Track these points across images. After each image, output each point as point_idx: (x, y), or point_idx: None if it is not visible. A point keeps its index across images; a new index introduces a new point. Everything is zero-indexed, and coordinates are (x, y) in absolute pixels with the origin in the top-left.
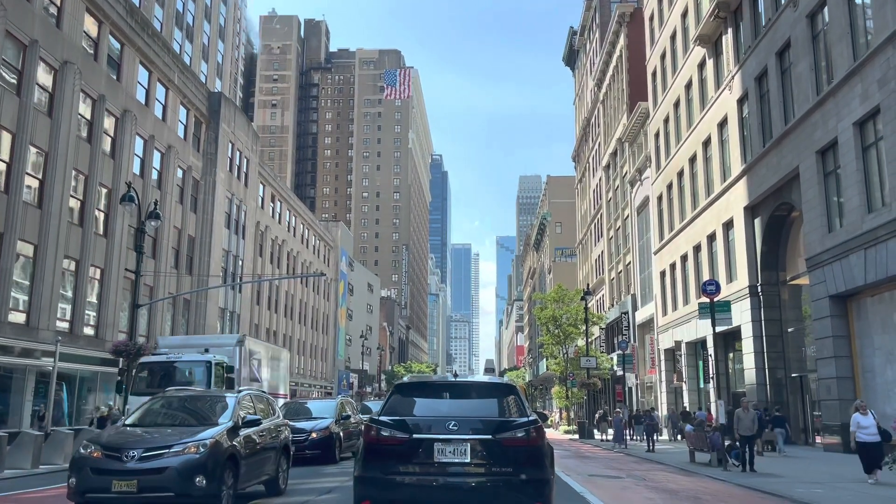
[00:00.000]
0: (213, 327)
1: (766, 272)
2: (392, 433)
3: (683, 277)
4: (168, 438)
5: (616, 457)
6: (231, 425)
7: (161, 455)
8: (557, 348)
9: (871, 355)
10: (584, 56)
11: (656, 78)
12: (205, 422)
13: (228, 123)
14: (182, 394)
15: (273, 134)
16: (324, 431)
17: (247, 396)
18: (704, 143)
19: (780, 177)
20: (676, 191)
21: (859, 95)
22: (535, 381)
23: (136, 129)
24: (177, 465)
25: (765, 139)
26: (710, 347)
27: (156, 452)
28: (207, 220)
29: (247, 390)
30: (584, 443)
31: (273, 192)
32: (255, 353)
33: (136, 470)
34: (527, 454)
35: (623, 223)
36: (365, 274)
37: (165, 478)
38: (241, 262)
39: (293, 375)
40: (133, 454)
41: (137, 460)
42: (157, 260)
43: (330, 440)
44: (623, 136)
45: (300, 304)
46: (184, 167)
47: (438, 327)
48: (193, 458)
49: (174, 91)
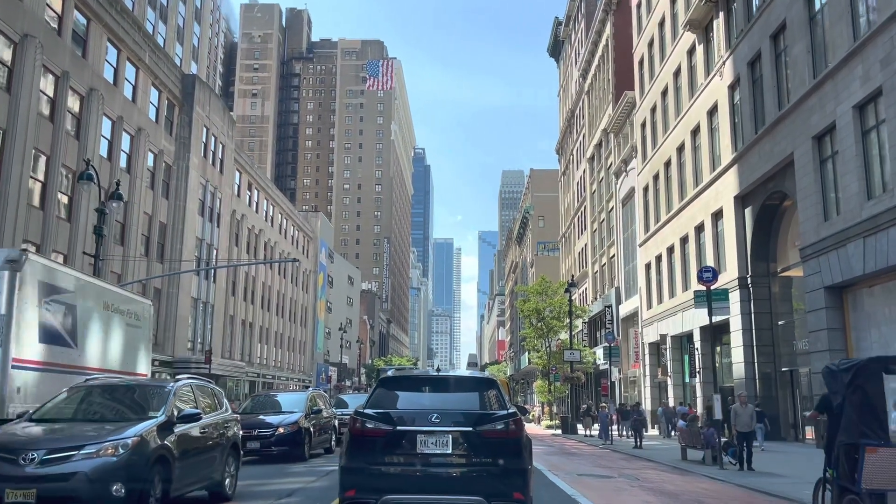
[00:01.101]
0: (184, 318)
1: (756, 264)
2: (377, 425)
3: (670, 270)
4: (79, 437)
5: (603, 453)
6: (163, 420)
7: (69, 458)
8: (540, 342)
9: (867, 348)
10: (570, 47)
11: (643, 66)
12: (132, 417)
13: (203, 107)
14: (109, 382)
15: (253, 124)
16: (292, 426)
17: (186, 386)
18: (693, 131)
19: (773, 164)
20: (663, 181)
21: (860, 77)
22: (516, 376)
23: (104, 108)
24: (87, 471)
25: (757, 126)
26: (697, 341)
27: (62, 455)
28: (180, 207)
29: (187, 379)
30: (568, 438)
31: (250, 179)
32: (61, 292)
33: (35, 476)
34: (506, 445)
35: (607, 215)
36: (345, 266)
37: (73, 486)
38: (215, 250)
39: (269, 368)
40: (33, 456)
41: (38, 464)
42: (125, 247)
43: (298, 436)
44: (608, 126)
45: (278, 296)
46: (155, 151)
47: (420, 321)
48: (110, 462)
49: (145, 71)
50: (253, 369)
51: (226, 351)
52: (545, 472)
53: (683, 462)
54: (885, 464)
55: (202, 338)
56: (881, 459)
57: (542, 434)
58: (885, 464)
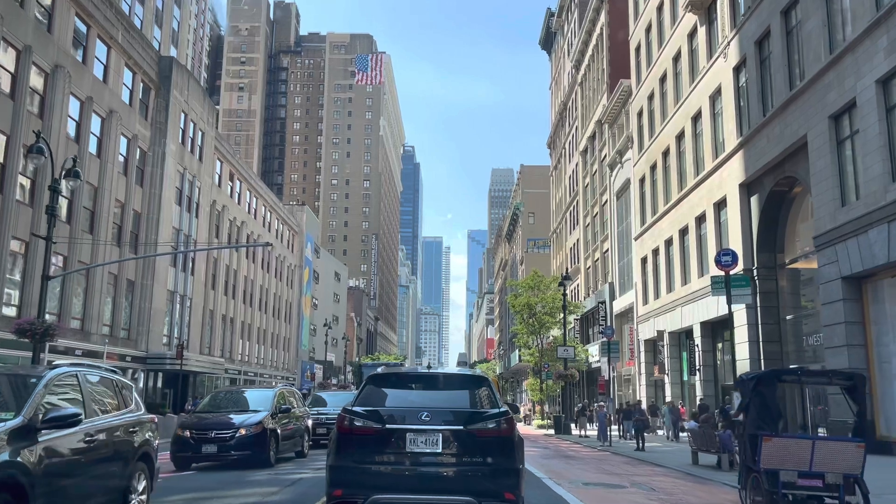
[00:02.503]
0: (160, 311)
1: (762, 255)
2: (365, 423)
3: (668, 263)
4: None
5: (604, 456)
6: (18, 424)
7: None
8: (532, 338)
9: (889, 343)
10: (562, 38)
11: (640, 53)
12: None
13: (181, 91)
14: None
15: (240, 118)
16: (255, 427)
17: (71, 376)
18: (694, 117)
19: (783, 148)
20: (661, 171)
21: (884, 49)
22: (505, 374)
23: (71, 87)
24: None
25: (765, 108)
26: (697, 337)
27: None
28: (156, 195)
29: (70, 367)
30: (563, 439)
31: (232, 170)
32: None
33: None
34: (497, 444)
35: (601, 209)
36: (332, 262)
37: None
38: (193, 241)
39: (252, 365)
40: None
41: None
42: (94, 235)
43: (262, 438)
44: (603, 117)
45: (261, 291)
46: (129, 135)
47: (408, 319)
48: None
49: (118, 50)
50: (234, 366)
51: (205, 347)
52: (546, 481)
53: (695, 467)
54: (776, 449)
55: (179, 333)
56: (774, 446)
57: (535, 434)
58: (776, 449)
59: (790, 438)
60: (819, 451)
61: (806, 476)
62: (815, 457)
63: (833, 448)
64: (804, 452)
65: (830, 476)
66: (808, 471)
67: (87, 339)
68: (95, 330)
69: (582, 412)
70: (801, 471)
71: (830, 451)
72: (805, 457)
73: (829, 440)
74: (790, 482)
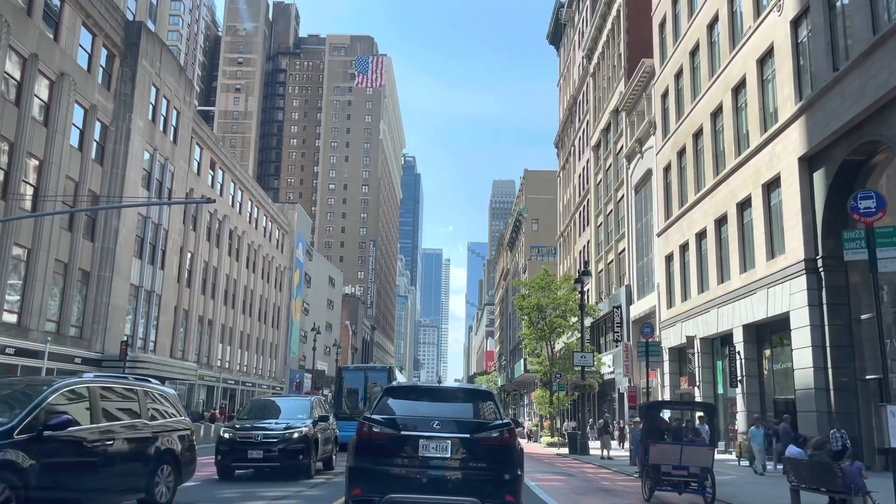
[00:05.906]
0: (120, 307)
1: (829, 241)
2: (383, 429)
3: (700, 260)
4: None
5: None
6: None
7: None
8: (540, 344)
9: None
10: (572, 29)
11: (665, 28)
12: None
13: (152, 63)
14: None
15: (236, 120)
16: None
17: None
18: (735, 88)
19: (863, 106)
20: (691, 156)
21: None
22: (508, 386)
23: (8, 40)
24: None
25: (837, 62)
26: (739, 343)
27: None
28: (118, 176)
29: None
30: (582, 461)
31: (213, 157)
32: None
33: None
34: (500, 452)
35: (616, 206)
36: (326, 266)
37: None
38: (164, 231)
39: (233, 372)
40: None
41: None
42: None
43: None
44: (620, 104)
45: (245, 291)
46: (86, 105)
47: (406, 330)
48: None
49: (73, 6)
50: (212, 373)
51: (177, 350)
52: None
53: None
54: (658, 452)
55: (145, 333)
56: (657, 450)
57: (545, 454)
58: (658, 452)
59: (667, 444)
60: (685, 452)
61: (677, 468)
62: (683, 456)
63: (694, 450)
64: (676, 453)
65: (693, 468)
66: (679, 465)
67: (25, 336)
68: (36, 326)
69: (605, 429)
70: (675, 465)
71: (692, 452)
72: (676, 456)
73: (692, 445)
74: (668, 472)
